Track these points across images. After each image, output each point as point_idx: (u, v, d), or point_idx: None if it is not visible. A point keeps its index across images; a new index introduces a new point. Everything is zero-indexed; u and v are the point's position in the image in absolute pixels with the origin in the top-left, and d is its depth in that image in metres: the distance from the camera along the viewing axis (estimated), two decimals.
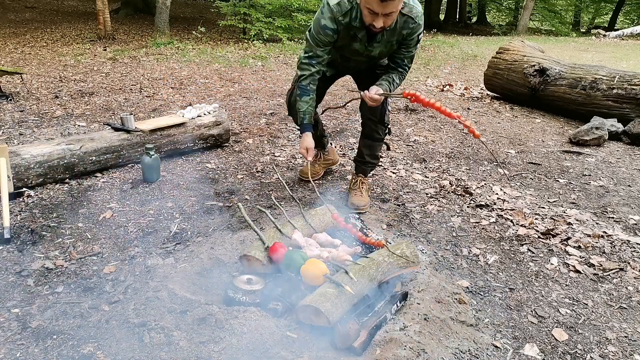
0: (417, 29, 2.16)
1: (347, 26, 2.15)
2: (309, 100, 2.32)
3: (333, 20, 2.13)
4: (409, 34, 2.18)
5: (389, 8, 1.94)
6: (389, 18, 2.00)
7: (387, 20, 2.01)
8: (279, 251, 1.79)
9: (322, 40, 2.19)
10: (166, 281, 1.79)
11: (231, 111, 4.50)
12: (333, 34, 2.17)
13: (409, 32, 2.17)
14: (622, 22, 25.19)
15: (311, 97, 2.32)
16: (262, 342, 1.46)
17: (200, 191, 2.74)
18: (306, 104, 2.32)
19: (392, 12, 1.98)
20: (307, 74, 2.29)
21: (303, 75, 2.30)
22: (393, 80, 2.30)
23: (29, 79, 5.33)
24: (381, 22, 1.99)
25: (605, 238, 2.43)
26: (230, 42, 9.99)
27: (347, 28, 2.16)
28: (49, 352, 1.47)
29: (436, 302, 1.76)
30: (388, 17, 1.99)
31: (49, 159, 2.65)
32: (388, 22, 2.02)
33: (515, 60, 5.45)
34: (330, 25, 2.14)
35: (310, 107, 2.33)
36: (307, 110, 2.33)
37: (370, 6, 1.96)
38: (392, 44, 2.24)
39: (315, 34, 2.20)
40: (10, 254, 2.01)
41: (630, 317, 1.83)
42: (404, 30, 2.16)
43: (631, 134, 4.15)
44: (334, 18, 2.13)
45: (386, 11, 1.95)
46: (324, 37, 2.18)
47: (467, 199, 2.83)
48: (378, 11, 1.95)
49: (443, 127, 4.40)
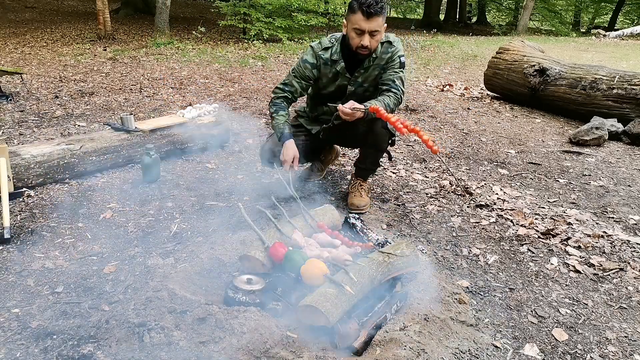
0: (396, 52, 2.36)
1: (326, 63, 2.39)
2: (285, 115, 2.43)
3: (314, 56, 2.39)
4: (390, 57, 2.37)
5: (374, 25, 2.15)
6: (374, 38, 2.21)
7: (373, 41, 2.22)
8: (279, 251, 1.79)
9: (300, 73, 2.40)
10: (166, 281, 1.79)
11: (231, 111, 4.50)
12: (312, 67, 2.39)
13: (389, 56, 2.36)
14: (622, 22, 25.19)
15: (286, 112, 2.44)
16: (262, 342, 1.46)
17: (200, 191, 2.74)
18: (283, 117, 2.41)
19: (377, 31, 2.19)
20: (280, 94, 2.44)
21: (276, 95, 2.46)
22: (384, 100, 2.29)
23: (29, 79, 5.33)
24: (367, 40, 2.19)
25: (605, 238, 2.43)
26: (230, 42, 9.99)
27: (327, 65, 2.39)
28: (49, 352, 1.47)
29: (436, 302, 1.76)
30: (373, 36, 2.20)
31: (49, 159, 2.65)
32: (374, 43, 2.23)
33: (515, 60, 5.45)
34: (311, 60, 2.39)
35: (287, 120, 2.42)
36: (285, 123, 2.40)
37: (357, 25, 2.17)
38: (376, 71, 2.39)
39: (296, 67, 2.43)
40: (10, 254, 2.01)
41: (630, 317, 1.83)
42: (385, 55, 2.36)
43: (631, 134, 4.15)
44: (314, 54, 2.39)
45: (372, 27, 2.16)
46: (303, 69, 2.39)
47: (467, 199, 2.83)
48: (364, 28, 2.16)
49: (443, 127, 4.41)
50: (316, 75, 2.42)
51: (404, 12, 27.35)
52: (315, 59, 2.39)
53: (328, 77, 2.43)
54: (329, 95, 2.49)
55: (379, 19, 2.15)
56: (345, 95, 2.45)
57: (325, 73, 2.42)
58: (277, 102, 2.43)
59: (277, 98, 2.44)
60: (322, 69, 2.40)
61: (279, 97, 2.44)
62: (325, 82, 2.45)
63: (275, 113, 2.41)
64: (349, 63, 2.39)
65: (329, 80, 2.44)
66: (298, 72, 2.41)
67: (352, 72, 2.40)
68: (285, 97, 2.43)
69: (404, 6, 27.21)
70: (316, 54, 2.38)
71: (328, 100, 2.48)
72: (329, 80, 2.44)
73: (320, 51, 2.39)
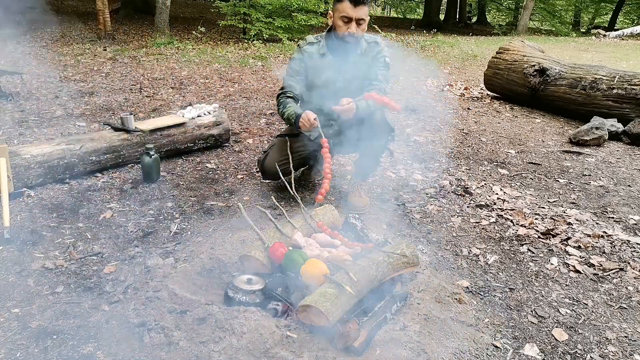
0: (381, 50, 2.48)
1: (311, 55, 2.48)
2: (294, 102, 2.46)
3: (299, 51, 2.51)
4: (376, 56, 2.47)
5: (360, 12, 2.26)
6: (360, 26, 2.31)
7: (359, 30, 2.31)
8: (279, 251, 1.79)
9: (292, 69, 2.51)
10: (166, 281, 1.79)
11: (231, 111, 4.50)
12: (300, 62, 2.49)
13: (375, 54, 2.47)
14: (622, 22, 25.17)
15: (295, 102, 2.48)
16: (262, 342, 1.46)
17: (200, 191, 2.74)
18: (292, 106, 2.41)
19: (363, 20, 2.29)
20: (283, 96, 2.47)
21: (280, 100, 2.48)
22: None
23: (29, 79, 5.32)
24: (354, 27, 2.29)
25: (605, 238, 2.43)
26: (230, 42, 9.99)
27: (313, 57, 2.48)
28: (49, 352, 1.47)
29: (436, 302, 1.76)
30: (360, 24, 2.30)
31: (49, 159, 2.65)
32: (360, 31, 2.32)
33: (515, 60, 5.45)
34: (297, 55, 2.51)
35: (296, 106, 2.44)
36: (295, 108, 2.39)
37: (344, 13, 2.27)
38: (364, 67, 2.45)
39: (288, 67, 2.55)
40: (10, 254, 2.01)
41: (630, 317, 1.83)
42: (371, 52, 2.47)
43: (631, 134, 4.15)
44: (300, 49, 2.51)
45: (359, 15, 2.26)
46: (293, 65, 2.50)
47: (467, 199, 2.83)
48: (352, 15, 2.26)
49: (443, 127, 4.41)
50: (304, 67, 2.49)
51: (404, 12, 27.32)
52: (300, 53, 2.49)
53: (315, 69, 2.48)
54: (319, 92, 2.50)
55: (365, 7, 2.26)
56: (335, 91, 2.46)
57: (312, 66, 2.48)
58: (284, 100, 2.46)
59: (282, 100, 2.46)
60: (308, 62, 2.48)
61: (285, 98, 2.46)
62: (313, 75, 2.49)
63: (284, 105, 2.42)
64: (336, 58, 2.45)
65: (317, 73, 2.48)
66: (291, 70, 2.50)
67: (340, 67, 2.46)
68: (289, 97, 2.45)
69: (404, 6, 27.18)
70: (301, 48, 2.50)
71: (320, 99, 2.52)
72: (317, 73, 2.48)
73: (305, 46, 2.49)
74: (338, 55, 2.44)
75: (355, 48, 2.42)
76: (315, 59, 2.47)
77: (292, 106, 2.39)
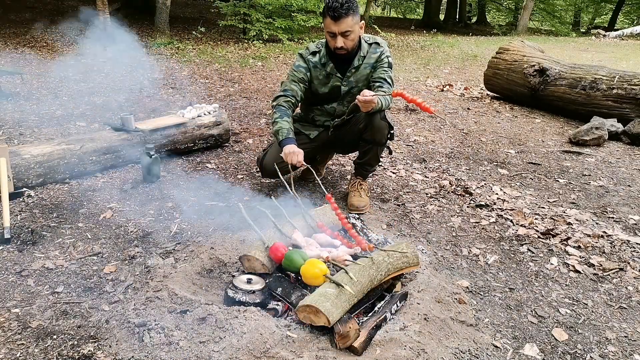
0: (384, 51, 2.48)
1: (316, 66, 2.49)
2: (289, 120, 2.40)
3: (303, 60, 2.50)
4: (379, 57, 2.48)
5: (342, 26, 2.25)
6: (347, 38, 2.30)
7: (347, 41, 2.32)
8: (279, 251, 1.79)
9: (295, 76, 2.48)
10: (166, 281, 1.79)
11: (231, 111, 4.50)
12: (305, 70, 2.49)
13: (378, 55, 2.48)
14: (622, 22, 25.16)
15: (290, 118, 2.42)
16: (262, 342, 1.46)
17: (200, 191, 2.74)
18: (287, 123, 2.38)
19: (348, 32, 2.28)
20: (283, 99, 2.44)
21: (278, 102, 2.45)
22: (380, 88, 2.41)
23: (29, 79, 5.32)
24: (341, 41, 2.30)
25: (605, 238, 2.43)
26: (230, 42, 9.98)
27: (317, 68, 2.49)
28: (49, 352, 1.47)
29: (436, 302, 1.76)
30: (346, 37, 2.30)
31: (49, 159, 2.65)
32: (348, 42, 2.32)
33: (515, 60, 5.44)
34: (302, 63, 2.49)
35: (290, 125, 2.40)
36: (289, 128, 2.37)
37: (328, 29, 2.30)
38: (367, 70, 2.48)
39: (290, 73, 2.52)
40: (10, 254, 2.01)
41: (630, 317, 1.83)
42: (374, 54, 2.48)
43: (631, 134, 4.15)
44: (303, 58, 2.50)
45: (341, 29, 2.26)
46: (297, 73, 2.48)
47: (467, 199, 2.83)
48: (335, 30, 2.27)
49: (443, 127, 4.41)
50: (309, 78, 2.50)
51: (404, 12, 27.33)
52: (305, 62, 2.49)
53: (320, 79, 2.51)
54: (324, 97, 2.56)
55: (348, 19, 2.24)
56: (340, 95, 2.54)
57: (317, 76, 2.51)
58: (282, 108, 2.41)
59: (280, 104, 2.42)
60: (313, 72, 2.50)
61: (283, 102, 2.42)
62: (318, 84, 2.52)
63: (279, 118, 2.38)
64: (339, 64, 2.47)
65: (322, 82, 2.51)
66: (293, 76, 2.48)
67: (344, 73, 2.48)
68: (288, 101, 2.43)
69: (404, 6, 27.18)
70: (305, 58, 2.49)
71: (324, 102, 2.57)
72: (322, 82, 2.51)
73: (308, 55, 2.49)
74: (339, 62, 2.47)
75: (354, 54, 2.44)
76: (319, 69, 2.49)
77: (286, 124, 2.35)
